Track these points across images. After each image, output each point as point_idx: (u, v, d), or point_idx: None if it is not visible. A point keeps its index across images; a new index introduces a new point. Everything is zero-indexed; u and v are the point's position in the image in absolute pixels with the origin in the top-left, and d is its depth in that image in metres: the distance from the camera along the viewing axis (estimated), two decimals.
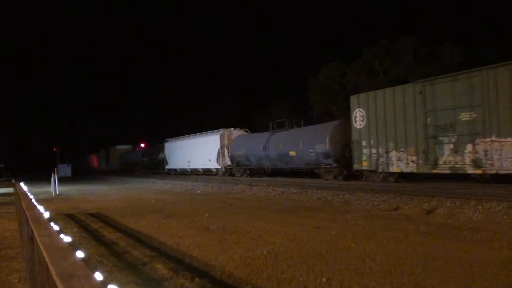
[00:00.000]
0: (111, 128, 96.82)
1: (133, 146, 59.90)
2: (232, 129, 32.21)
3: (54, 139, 71.55)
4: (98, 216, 12.04)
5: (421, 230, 8.19)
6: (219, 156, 31.14)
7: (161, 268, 5.96)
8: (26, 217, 4.87)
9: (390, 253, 6.36)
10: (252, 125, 38.13)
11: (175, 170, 39.72)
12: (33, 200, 8.49)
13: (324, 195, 14.42)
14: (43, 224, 3.97)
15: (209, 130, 34.72)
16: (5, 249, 7.76)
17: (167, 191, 21.66)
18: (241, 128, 32.77)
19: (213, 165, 32.12)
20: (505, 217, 8.96)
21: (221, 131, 31.79)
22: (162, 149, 42.53)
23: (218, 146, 31.27)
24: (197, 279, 5.35)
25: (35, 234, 3.31)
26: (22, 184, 15.18)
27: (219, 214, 11.52)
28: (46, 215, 5.45)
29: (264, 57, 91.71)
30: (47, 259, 2.32)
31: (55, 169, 24.94)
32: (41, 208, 6.38)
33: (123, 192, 22.21)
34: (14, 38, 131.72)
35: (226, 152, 30.76)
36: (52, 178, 21.75)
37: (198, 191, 20.59)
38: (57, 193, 21.24)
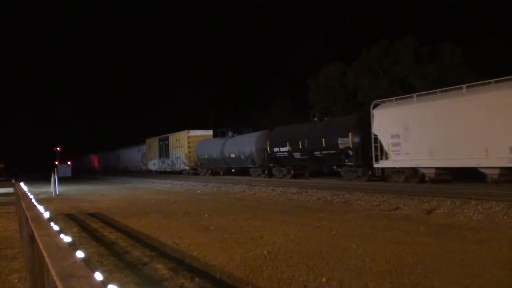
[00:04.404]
0: (112, 128, 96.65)
1: (215, 131, 35.55)
2: None
3: (54, 139, 71.42)
4: (98, 216, 12.04)
5: (421, 230, 8.19)
6: None
7: (161, 268, 5.96)
8: (26, 217, 4.87)
9: (390, 253, 6.36)
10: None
11: (412, 171, 17.30)
12: (33, 200, 8.49)
13: (324, 195, 14.42)
14: (43, 224, 3.97)
15: None
16: (5, 249, 7.76)
17: (167, 191, 21.65)
18: None
19: None
20: (505, 217, 8.96)
21: None
22: (353, 126, 20.09)
23: None
24: (197, 279, 5.35)
25: (35, 234, 3.31)
26: (22, 184, 15.18)
27: (219, 214, 11.52)
28: (46, 215, 5.45)
29: (264, 57, 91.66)
30: (47, 259, 2.32)
31: (55, 169, 24.94)
32: (41, 208, 6.38)
33: (123, 192, 22.19)
34: (14, 38, 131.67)
35: None
36: (52, 178, 21.75)
37: (198, 191, 20.58)
38: (57, 193, 21.23)
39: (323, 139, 21.40)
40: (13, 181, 20.67)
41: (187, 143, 36.62)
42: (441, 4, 57.83)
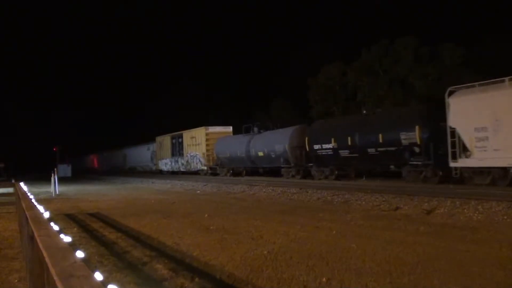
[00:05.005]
0: (111, 128, 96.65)
1: (235, 128, 33.73)
2: None
3: (54, 139, 71.31)
4: (98, 216, 12.04)
5: (421, 230, 8.20)
6: None
7: (161, 268, 5.97)
8: (26, 217, 4.87)
9: (390, 253, 6.36)
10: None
11: (502, 172, 14.62)
12: (33, 200, 8.49)
13: (324, 195, 14.42)
14: (43, 224, 3.97)
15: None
16: (5, 249, 7.76)
17: (167, 191, 21.65)
18: None
19: None
20: (505, 217, 8.96)
21: None
22: (421, 118, 17.02)
23: None
24: (197, 279, 5.36)
25: (35, 234, 3.31)
26: (22, 184, 15.17)
27: (219, 214, 11.52)
28: (46, 215, 5.44)
29: (263, 57, 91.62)
30: (47, 259, 2.32)
31: (55, 169, 24.95)
32: (41, 208, 6.38)
33: (123, 192, 22.20)
34: (14, 38, 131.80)
35: None
36: (52, 178, 21.75)
37: (198, 191, 20.59)
38: (57, 193, 21.24)
39: (380, 134, 17.90)
40: (13, 181, 20.66)
41: (205, 140, 32.73)
42: (441, 4, 57.83)
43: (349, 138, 19.53)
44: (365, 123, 19.52)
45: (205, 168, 32.97)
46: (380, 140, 17.97)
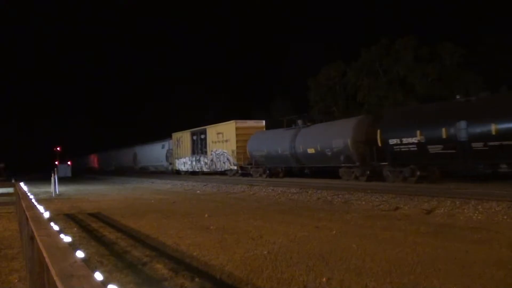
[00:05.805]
0: (111, 128, 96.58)
1: (270, 122, 30.91)
2: None
3: (54, 138, 71.26)
4: (98, 216, 12.04)
5: (421, 230, 8.19)
6: None
7: (161, 268, 5.97)
8: (26, 217, 4.87)
9: (390, 253, 6.36)
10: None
11: None
12: (33, 200, 8.49)
13: (324, 195, 14.42)
14: (43, 224, 3.97)
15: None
16: (5, 249, 7.76)
17: (167, 191, 21.65)
18: None
19: None
20: (505, 217, 8.97)
21: None
22: None
23: None
24: (197, 279, 5.35)
25: (35, 234, 3.31)
26: (22, 184, 15.16)
27: (219, 214, 11.52)
28: (46, 215, 5.44)
29: (263, 57, 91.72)
30: (47, 259, 2.32)
31: (55, 169, 24.94)
32: (41, 208, 6.37)
33: (123, 192, 22.20)
34: (14, 37, 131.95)
35: None
36: (52, 178, 21.74)
37: (198, 191, 20.59)
38: (57, 193, 21.23)
39: (493, 124, 14.04)
40: (13, 181, 20.66)
41: (235, 136, 28.77)
42: (441, 4, 57.85)
43: (443, 129, 15.51)
44: (468, 111, 15.26)
45: (235, 167, 29.27)
46: (493, 132, 14.07)
